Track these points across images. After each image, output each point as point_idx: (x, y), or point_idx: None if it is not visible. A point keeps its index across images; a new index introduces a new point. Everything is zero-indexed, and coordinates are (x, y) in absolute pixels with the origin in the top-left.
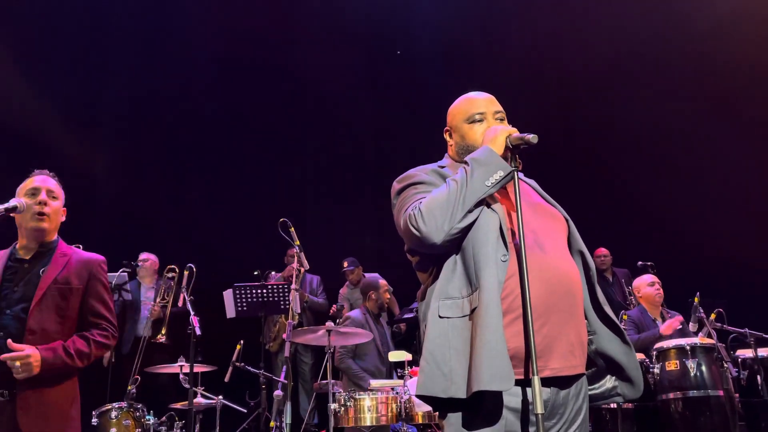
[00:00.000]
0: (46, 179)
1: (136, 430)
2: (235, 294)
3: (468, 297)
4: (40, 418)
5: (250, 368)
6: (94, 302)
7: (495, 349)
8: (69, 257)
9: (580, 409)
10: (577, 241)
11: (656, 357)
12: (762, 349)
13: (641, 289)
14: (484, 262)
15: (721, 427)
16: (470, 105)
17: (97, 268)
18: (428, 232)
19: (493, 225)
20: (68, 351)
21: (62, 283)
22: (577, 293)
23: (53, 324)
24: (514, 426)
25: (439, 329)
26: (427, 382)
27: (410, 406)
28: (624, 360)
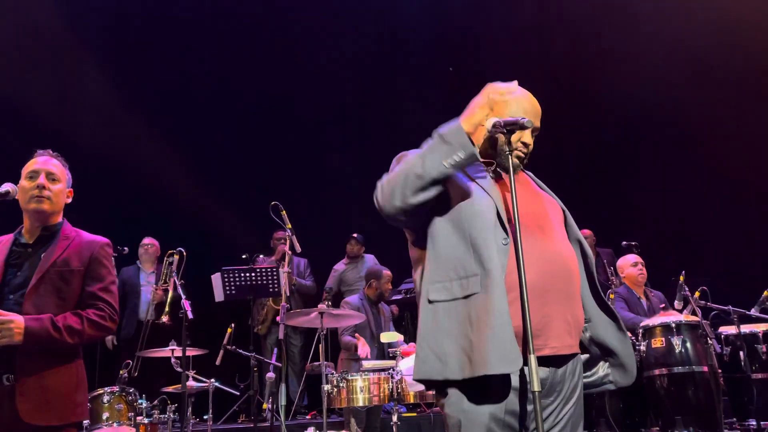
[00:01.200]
0: (47, 161)
1: (129, 413)
2: (223, 277)
3: (460, 280)
4: (42, 405)
5: (242, 351)
6: (93, 284)
7: (502, 333)
8: (71, 240)
9: (576, 386)
10: (573, 230)
11: (642, 334)
12: (745, 326)
13: (625, 270)
14: (485, 247)
15: (706, 402)
16: (517, 107)
17: (100, 250)
18: (382, 204)
19: (491, 210)
20: (56, 324)
21: (61, 266)
22: (575, 277)
23: (53, 307)
24: (514, 404)
25: (430, 313)
26: (422, 366)
27: (402, 387)
28: (619, 347)
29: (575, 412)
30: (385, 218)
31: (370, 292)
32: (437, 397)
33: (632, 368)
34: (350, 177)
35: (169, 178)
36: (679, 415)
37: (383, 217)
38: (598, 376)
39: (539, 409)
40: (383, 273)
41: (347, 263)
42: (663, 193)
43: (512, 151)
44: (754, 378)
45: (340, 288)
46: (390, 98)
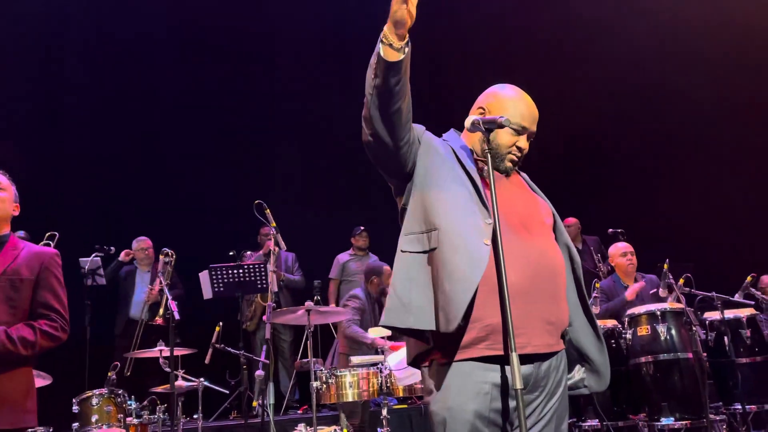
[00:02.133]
0: None
1: (119, 415)
2: (211, 275)
3: (426, 233)
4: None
5: (230, 349)
6: (44, 294)
7: (446, 292)
8: (20, 250)
9: (560, 381)
10: (562, 234)
11: (628, 323)
12: (728, 311)
13: (615, 259)
14: (450, 207)
15: (691, 388)
16: (515, 112)
17: (50, 261)
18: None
19: (468, 185)
20: (10, 335)
21: (12, 275)
22: (559, 278)
23: (5, 315)
24: (498, 401)
25: (402, 263)
26: (388, 313)
27: (391, 381)
28: (596, 355)
29: (560, 406)
30: (374, 158)
31: (372, 288)
32: (423, 389)
33: (606, 376)
34: (338, 171)
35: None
36: (665, 402)
37: (371, 156)
38: (575, 380)
39: (522, 407)
40: (384, 269)
41: (352, 254)
42: (648, 181)
43: (491, 149)
44: (739, 362)
45: (341, 279)
46: None
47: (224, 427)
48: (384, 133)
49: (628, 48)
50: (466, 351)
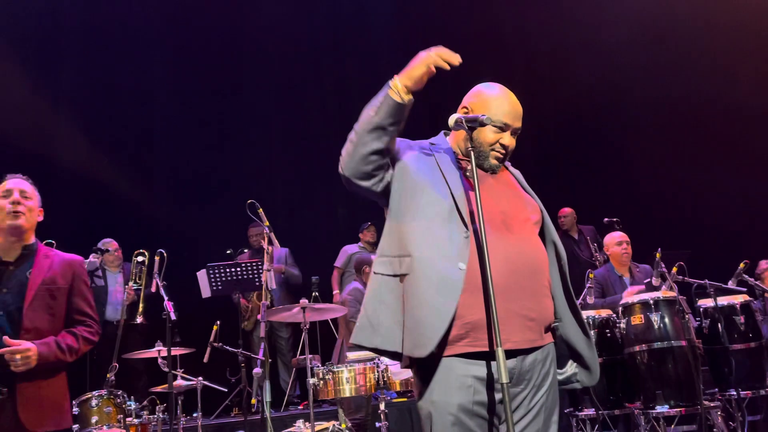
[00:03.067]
0: (19, 182)
1: (118, 416)
2: (209, 274)
3: (397, 258)
4: (40, 413)
5: (228, 348)
6: (79, 301)
7: (418, 318)
8: (51, 258)
9: (548, 374)
10: (550, 231)
11: (622, 312)
12: (722, 298)
13: (610, 248)
14: (426, 234)
15: (685, 376)
16: (498, 110)
17: (80, 269)
18: (340, 165)
19: (446, 202)
20: (60, 345)
21: (49, 284)
22: (540, 274)
23: (45, 323)
24: (483, 395)
25: (373, 283)
26: (357, 332)
27: (388, 376)
28: (584, 350)
29: (548, 399)
30: (347, 186)
31: (365, 279)
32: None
33: (596, 370)
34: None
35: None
36: (659, 390)
37: (346, 187)
38: (567, 375)
39: (508, 400)
40: (373, 259)
41: (361, 247)
42: (642, 169)
43: (474, 147)
44: (733, 349)
45: (346, 270)
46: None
47: (225, 425)
48: (363, 168)
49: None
50: (447, 348)
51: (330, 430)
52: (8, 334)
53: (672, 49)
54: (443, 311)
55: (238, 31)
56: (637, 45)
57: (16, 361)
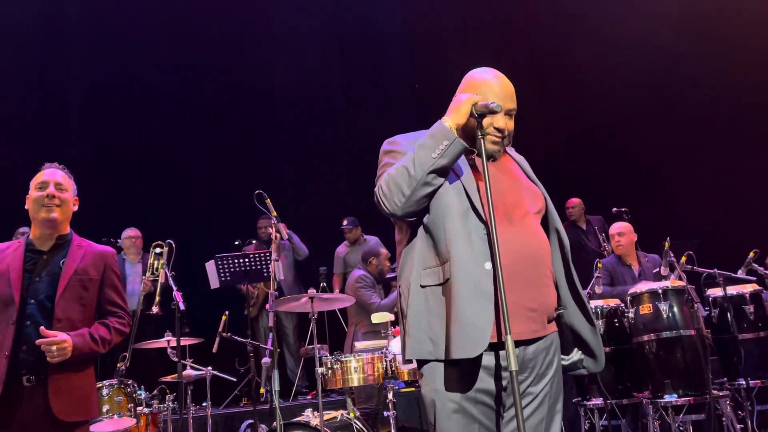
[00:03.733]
0: (54, 172)
1: (129, 405)
2: (217, 264)
3: (441, 266)
4: (70, 403)
5: (237, 338)
6: (110, 292)
7: (464, 320)
8: (85, 249)
9: (551, 363)
10: (553, 219)
11: (630, 301)
12: (731, 288)
13: (611, 240)
14: (452, 236)
15: (693, 365)
16: (489, 93)
17: (112, 260)
18: (388, 206)
19: (461, 200)
20: (94, 337)
21: (82, 274)
22: (543, 265)
23: (76, 313)
24: (486, 383)
25: (422, 297)
26: (416, 346)
27: (396, 365)
28: (589, 337)
29: (552, 388)
30: (390, 217)
31: (371, 270)
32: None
33: (601, 356)
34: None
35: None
36: (668, 379)
37: (393, 218)
38: (573, 361)
39: (517, 389)
40: (381, 251)
41: (348, 246)
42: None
43: (485, 135)
44: (743, 338)
45: (344, 271)
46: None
47: (234, 414)
48: (418, 207)
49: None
50: None
51: (338, 420)
52: (39, 323)
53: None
54: (484, 314)
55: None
56: (648, 35)
57: (52, 352)
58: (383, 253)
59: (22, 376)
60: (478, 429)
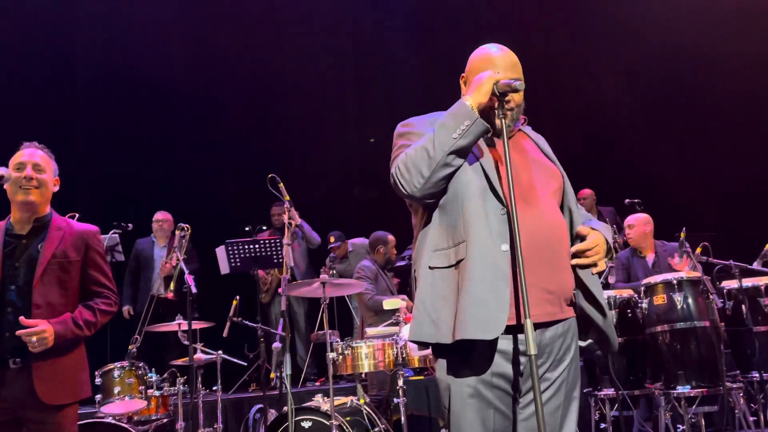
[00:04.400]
0: (33, 152)
1: (140, 387)
2: (228, 250)
3: (454, 247)
4: (56, 385)
5: (248, 322)
6: (93, 272)
7: (480, 301)
8: (64, 231)
9: (569, 348)
10: (568, 198)
11: (644, 292)
12: (746, 280)
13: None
14: (471, 215)
15: (707, 357)
16: (489, 64)
17: (93, 239)
18: (406, 187)
19: (479, 180)
20: (77, 322)
21: (61, 257)
22: (560, 246)
23: (57, 297)
24: (502, 367)
25: (430, 279)
26: (417, 328)
27: (406, 352)
28: (597, 317)
29: (569, 375)
30: (411, 200)
31: (378, 258)
32: (433, 359)
33: (612, 337)
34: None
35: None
36: (681, 370)
37: (409, 199)
38: (588, 343)
39: (536, 372)
40: (389, 238)
41: (333, 257)
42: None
43: (505, 115)
44: (757, 331)
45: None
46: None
47: (243, 399)
48: (437, 189)
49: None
50: None
51: (349, 406)
52: (19, 309)
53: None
54: (501, 295)
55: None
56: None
57: (32, 342)
58: (390, 240)
59: (8, 359)
60: (493, 414)
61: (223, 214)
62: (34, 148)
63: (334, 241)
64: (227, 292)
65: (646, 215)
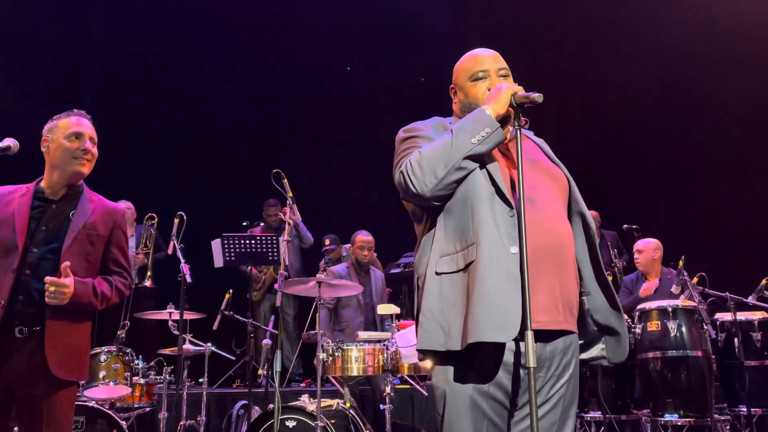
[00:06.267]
0: (89, 125)
1: (125, 373)
2: (223, 244)
3: (462, 251)
4: (65, 359)
5: (239, 317)
6: (116, 251)
7: (494, 302)
8: (95, 203)
9: (569, 364)
10: (578, 202)
11: (638, 317)
12: (741, 313)
13: None
14: (481, 218)
15: (697, 387)
16: (474, 62)
17: (121, 218)
18: (417, 186)
19: (486, 184)
20: (96, 289)
21: (90, 229)
22: (566, 252)
23: (81, 269)
24: (501, 378)
25: (437, 285)
26: (427, 337)
27: (397, 358)
28: (613, 321)
29: (567, 392)
30: (418, 201)
31: (353, 259)
32: (431, 366)
33: (625, 345)
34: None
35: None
36: (670, 398)
37: (416, 199)
38: (593, 356)
39: (534, 385)
40: (356, 238)
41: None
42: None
43: (521, 126)
44: (748, 365)
45: None
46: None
47: (227, 394)
48: (448, 191)
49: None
50: None
51: (334, 408)
52: (40, 274)
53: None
54: (514, 298)
55: None
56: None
57: (50, 293)
58: (357, 241)
59: (15, 327)
60: (487, 425)
61: (221, 208)
62: (85, 118)
63: (329, 244)
64: (218, 285)
65: (656, 241)
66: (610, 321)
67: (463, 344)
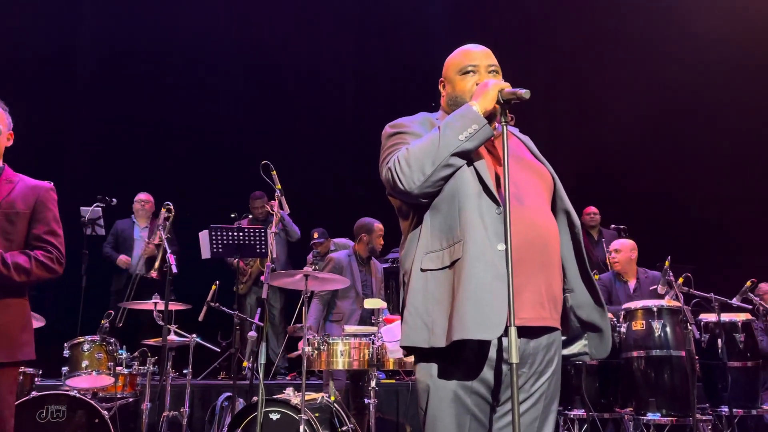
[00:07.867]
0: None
1: (109, 363)
2: (211, 235)
3: (449, 249)
4: None
5: (225, 309)
6: (40, 227)
7: (481, 300)
8: (15, 183)
9: (551, 361)
10: (563, 200)
11: (624, 317)
12: (725, 314)
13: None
14: (468, 216)
15: (680, 386)
16: (464, 57)
17: (45, 194)
18: (405, 183)
19: (474, 181)
20: (5, 260)
21: (7, 208)
22: (551, 248)
23: (1, 248)
24: (484, 373)
25: (422, 282)
26: (411, 334)
27: (382, 353)
28: (597, 319)
29: (549, 388)
30: (404, 197)
31: (360, 248)
32: (414, 364)
33: (607, 341)
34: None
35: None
36: (653, 397)
37: (403, 196)
38: (575, 352)
39: (516, 381)
40: (374, 226)
41: (315, 256)
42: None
43: (507, 123)
44: (730, 366)
45: None
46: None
47: (211, 386)
48: (435, 188)
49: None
50: None
51: (319, 402)
52: None
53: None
54: (501, 295)
55: None
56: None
57: None
58: (377, 229)
59: None
60: (470, 420)
61: (209, 199)
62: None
63: (317, 237)
64: (204, 277)
65: (632, 242)
66: (593, 317)
67: (448, 341)
